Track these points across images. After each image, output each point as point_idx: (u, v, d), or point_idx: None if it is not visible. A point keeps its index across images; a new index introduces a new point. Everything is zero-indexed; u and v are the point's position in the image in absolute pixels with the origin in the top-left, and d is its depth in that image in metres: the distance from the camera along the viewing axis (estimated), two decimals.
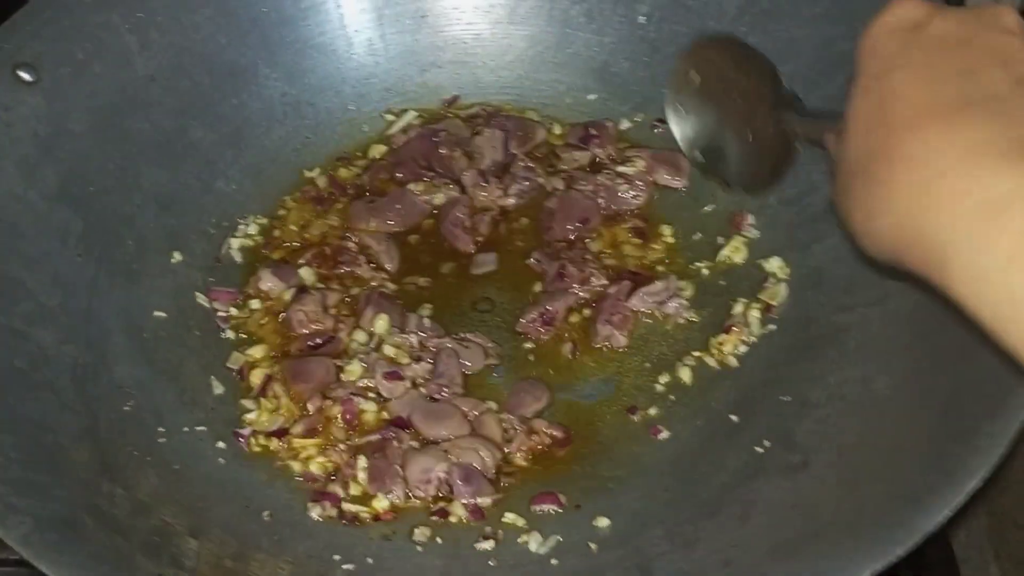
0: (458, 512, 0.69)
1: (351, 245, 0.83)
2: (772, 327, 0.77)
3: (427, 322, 0.78)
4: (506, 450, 0.72)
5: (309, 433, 0.72)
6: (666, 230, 0.84)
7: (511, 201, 0.85)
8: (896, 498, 0.55)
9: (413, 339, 0.76)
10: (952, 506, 0.52)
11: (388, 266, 0.82)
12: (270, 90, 0.88)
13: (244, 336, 0.78)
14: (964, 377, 0.61)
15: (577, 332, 0.78)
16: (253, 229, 0.84)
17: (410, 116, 0.91)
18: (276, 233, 0.84)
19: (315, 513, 0.69)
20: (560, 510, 0.69)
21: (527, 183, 0.86)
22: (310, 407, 0.73)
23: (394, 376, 0.74)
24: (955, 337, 0.56)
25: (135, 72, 0.82)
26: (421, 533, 0.68)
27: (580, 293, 0.79)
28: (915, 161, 0.40)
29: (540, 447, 0.72)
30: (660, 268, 0.82)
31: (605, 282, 0.80)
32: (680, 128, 0.75)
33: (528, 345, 0.78)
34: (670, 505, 0.68)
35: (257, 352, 0.77)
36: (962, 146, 0.39)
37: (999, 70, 0.42)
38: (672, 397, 0.75)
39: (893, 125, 0.42)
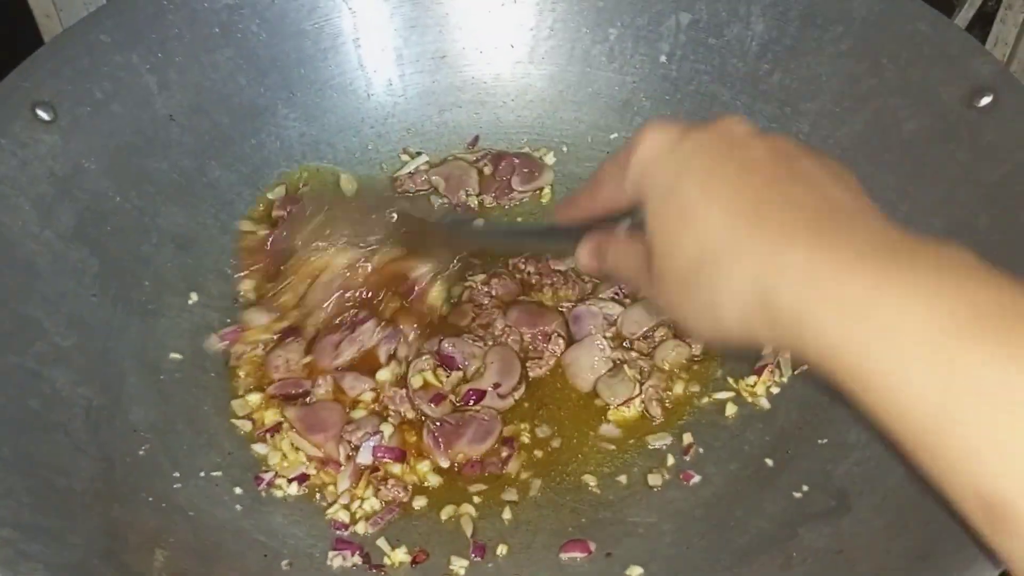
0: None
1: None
2: (804, 367, 0.75)
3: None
4: None
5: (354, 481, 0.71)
6: None
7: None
8: (951, 542, 0.53)
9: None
10: None
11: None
12: (289, 130, 0.87)
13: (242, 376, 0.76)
14: None
15: None
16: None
17: (420, 160, 0.90)
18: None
19: (336, 563, 0.66)
20: (590, 558, 0.67)
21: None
22: (341, 455, 0.71)
23: (440, 398, 0.74)
24: None
25: (154, 112, 0.81)
26: None
27: None
28: (740, 255, 0.42)
29: None
30: None
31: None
32: None
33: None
34: (707, 552, 0.65)
35: (254, 399, 0.75)
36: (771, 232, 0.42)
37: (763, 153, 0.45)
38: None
39: (698, 234, 0.44)
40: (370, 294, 0.76)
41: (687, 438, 0.73)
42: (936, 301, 0.36)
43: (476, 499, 0.70)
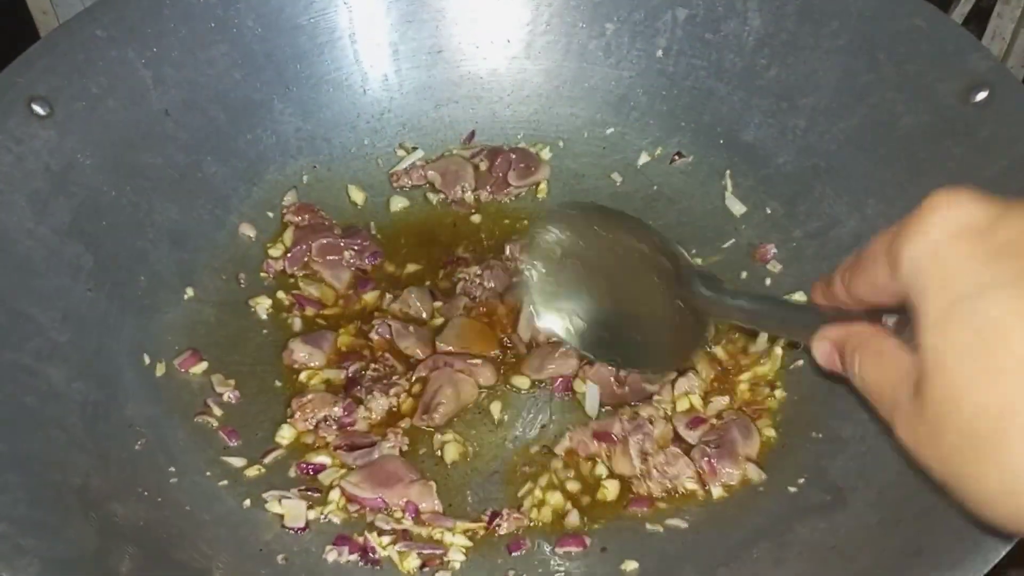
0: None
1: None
2: (799, 363, 0.75)
3: None
4: None
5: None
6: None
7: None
8: (945, 538, 0.53)
9: None
10: (1008, 543, 0.50)
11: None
12: (284, 125, 0.87)
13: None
14: None
15: None
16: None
17: (416, 155, 0.90)
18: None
19: (331, 557, 0.66)
20: (585, 552, 0.67)
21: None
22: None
23: None
24: None
25: (149, 107, 0.81)
26: None
27: None
28: None
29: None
30: None
31: None
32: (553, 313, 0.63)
33: None
34: (701, 547, 0.65)
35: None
36: None
37: None
38: None
39: (1012, 373, 0.33)
40: None
41: None
42: None
43: None
